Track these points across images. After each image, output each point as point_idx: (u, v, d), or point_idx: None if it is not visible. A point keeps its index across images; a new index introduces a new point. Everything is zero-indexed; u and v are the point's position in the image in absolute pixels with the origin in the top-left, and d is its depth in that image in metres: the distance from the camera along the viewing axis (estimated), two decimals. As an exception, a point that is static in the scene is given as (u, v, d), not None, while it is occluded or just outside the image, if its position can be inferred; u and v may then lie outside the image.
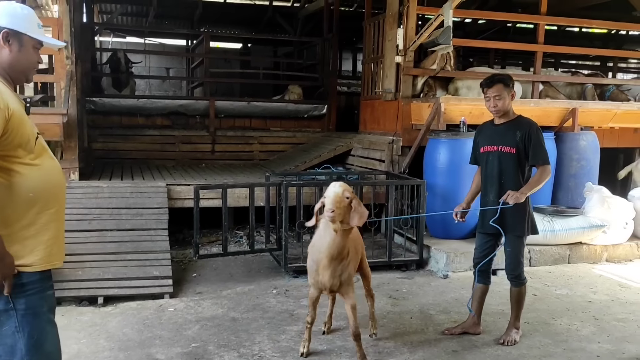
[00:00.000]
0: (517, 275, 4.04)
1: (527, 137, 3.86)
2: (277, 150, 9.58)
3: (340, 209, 3.27)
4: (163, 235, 5.57)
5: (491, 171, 4.01)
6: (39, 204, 2.20)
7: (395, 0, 7.27)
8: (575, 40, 12.93)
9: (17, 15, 2.23)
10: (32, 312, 2.20)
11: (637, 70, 14.96)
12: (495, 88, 3.91)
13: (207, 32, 11.25)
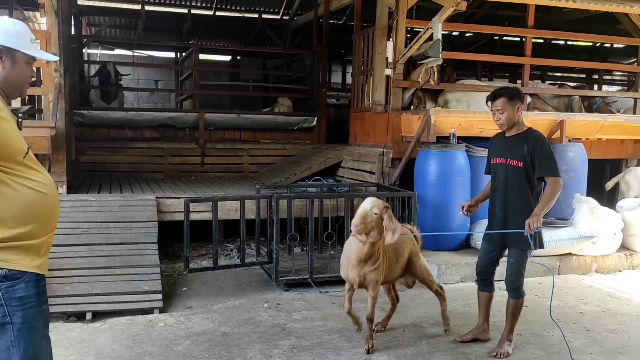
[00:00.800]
0: (516, 287, 4.04)
1: (533, 150, 3.86)
2: (267, 163, 9.57)
3: (365, 224, 3.74)
4: (152, 249, 5.52)
5: (498, 184, 4.05)
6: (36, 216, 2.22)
7: (384, 14, 7.32)
8: (562, 53, 13.12)
9: (10, 32, 2.25)
10: (29, 326, 2.20)
11: (622, 82, 15.15)
12: (498, 102, 3.95)
13: (196, 44, 11.25)
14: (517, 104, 3.95)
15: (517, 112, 3.95)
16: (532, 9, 7.77)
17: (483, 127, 6.77)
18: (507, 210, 3.97)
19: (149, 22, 11.58)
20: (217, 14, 12.15)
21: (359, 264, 3.91)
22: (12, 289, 2.17)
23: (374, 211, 3.76)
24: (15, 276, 2.18)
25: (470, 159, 6.45)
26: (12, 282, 2.18)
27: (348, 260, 3.99)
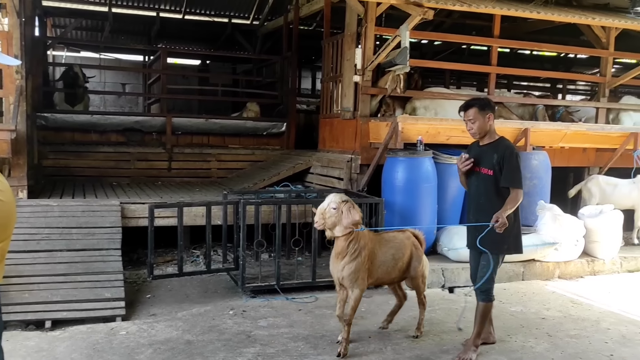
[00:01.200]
0: (486, 290, 4.09)
1: (502, 159, 3.95)
2: (236, 168, 9.49)
3: (324, 219, 3.97)
4: (116, 255, 5.41)
5: (473, 190, 4.15)
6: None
7: (353, 21, 7.36)
8: (527, 63, 13.38)
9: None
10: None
11: (586, 92, 15.54)
12: (469, 112, 4.05)
13: (165, 48, 11.12)
14: (488, 113, 4.04)
15: (489, 122, 4.04)
16: (498, 19, 7.91)
17: (450, 134, 6.85)
18: (480, 217, 4.03)
19: (116, 24, 11.39)
20: (186, 18, 12.03)
21: (337, 259, 4.07)
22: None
23: (332, 206, 3.96)
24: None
25: (437, 166, 6.51)
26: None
27: (334, 256, 4.13)
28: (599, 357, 4.25)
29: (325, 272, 5.88)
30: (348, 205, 3.98)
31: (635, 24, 7.94)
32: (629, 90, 13.22)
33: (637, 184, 7.70)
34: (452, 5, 6.73)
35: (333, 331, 4.56)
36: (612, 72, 8.94)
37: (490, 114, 4.04)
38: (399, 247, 4.34)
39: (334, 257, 4.10)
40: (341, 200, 4.00)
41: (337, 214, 3.96)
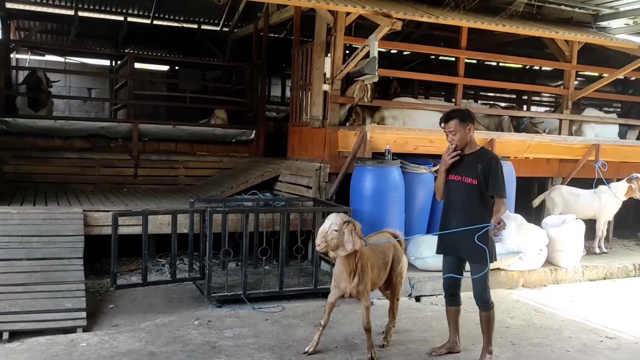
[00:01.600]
0: (485, 300, 4.19)
1: (487, 169, 4.02)
2: (204, 175, 9.40)
3: (326, 242, 4.00)
4: (77, 264, 5.28)
5: (454, 199, 4.17)
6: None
7: (323, 30, 7.38)
8: (494, 74, 13.61)
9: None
10: None
11: (550, 104, 15.90)
12: (450, 124, 4.10)
13: (132, 53, 10.96)
14: (469, 125, 4.11)
15: (469, 133, 4.11)
16: (465, 31, 8.05)
17: (418, 144, 6.92)
18: (464, 225, 4.07)
19: (82, 28, 11.18)
20: (154, 23, 11.88)
21: (348, 276, 4.16)
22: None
23: (334, 228, 3.99)
24: None
25: (405, 176, 6.56)
26: None
27: (340, 271, 4.20)
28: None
29: (293, 281, 5.88)
30: (350, 228, 4.01)
31: (597, 38, 8.17)
32: (591, 103, 13.61)
33: (598, 194, 7.90)
34: (420, 16, 6.81)
35: (300, 341, 4.54)
36: (574, 84, 9.16)
37: (470, 126, 4.12)
38: (386, 251, 4.50)
39: (345, 275, 4.17)
40: (342, 221, 4.03)
41: (339, 235, 3.99)
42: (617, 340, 4.94)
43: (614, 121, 9.85)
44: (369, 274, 4.23)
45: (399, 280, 4.65)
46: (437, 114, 8.04)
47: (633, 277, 7.40)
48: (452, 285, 4.34)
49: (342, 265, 4.17)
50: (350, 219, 4.11)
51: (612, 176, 8.48)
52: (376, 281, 4.41)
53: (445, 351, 4.44)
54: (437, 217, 6.99)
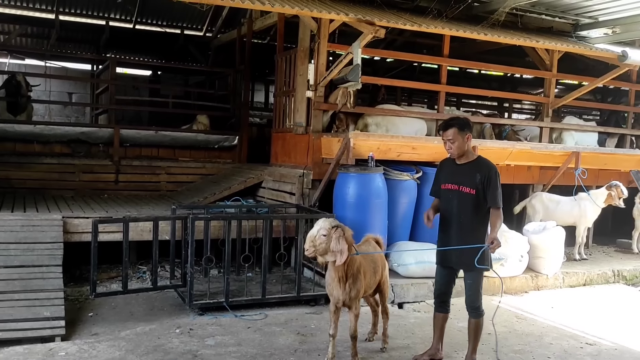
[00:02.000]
0: (476, 307, 4.23)
1: (486, 180, 4.05)
2: (186, 182, 9.33)
3: (314, 247, 3.92)
4: (56, 272, 5.20)
5: (451, 209, 4.18)
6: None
7: (306, 36, 7.38)
8: (475, 82, 13.74)
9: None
10: None
11: (531, 111, 16.09)
12: (449, 132, 4.11)
13: (114, 57, 10.87)
14: (467, 133, 4.12)
15: (467, 142, 4.13)
16: (447, 39, 8.11)
17: (400, 151, 6.94)
18: (461, 235, 4.11)
19: (63, 32, 11.05)
20: (137, 28, 11.80)
21: (339, 283, 4.10)
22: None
23: (322, 233, 3.93)
24: None
25: (388, 182, 6.57)
26: None
27: (332, 278, 4.15)
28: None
29: (276, 288, 5.84)
30: (338, 233, 3.95)
31: (577, 47, 8.28)
32: (571, 110, 13.80)
33: (578, 202, 7.99)
34: (403, 24, 6.84)
35: (282, 349, 4.51)
36: (555, 92, 9.28)
37: (469, 134, 4.14)
38: (375, 259, 4.50)
39: (336, 281, 4.12)
40: (331, 226, 3.97)
41: (327, 240, 3.93)
42: (597, 347, 4.99)
43: (594, 129, 9.99)
44: (361, 281, 4.18)
45: (387, 285, 4.71)
46: (420, 121, 8.16)
47: (612, 284, 7.49)
48: (443, 292, 4.39)
49: (333, 272, 4.12)
50: (339, 224, 4.06)
51: (592, 183, 8.60)
52: (367, 288, 4.40)
53: (428, 358, 4.45)
54: (419, 223, 7.04)
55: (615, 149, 9.58)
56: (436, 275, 4.43)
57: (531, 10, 8.44)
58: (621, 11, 7.96)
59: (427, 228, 6.05)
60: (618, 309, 6.32)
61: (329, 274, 4.20)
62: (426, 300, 6.12)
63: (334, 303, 4.21)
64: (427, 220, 4.32)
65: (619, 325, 5.67)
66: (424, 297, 6.17)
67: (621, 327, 5.61)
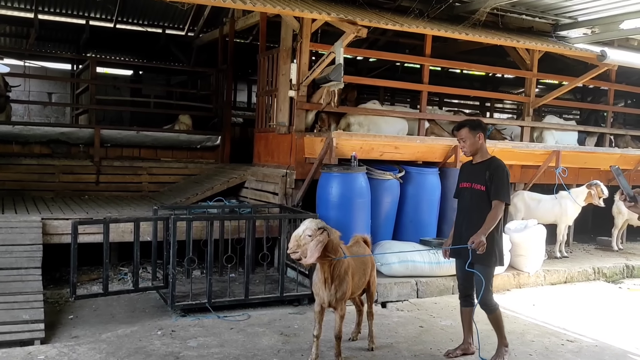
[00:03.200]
0: (486, 303, 4.35)
1: (493, 175, 4.24)
2: (168, 182, 9.24)
3: (299, 247, 3.84)
4: (35, 274, 5.12)
5: (464, 205, 4.40)
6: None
7: (289, 36, 7.37)
8: (458, 81, 13.82)
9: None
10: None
11: (512, 111, 16.23)
12: (461, 132, 4.36)
13: (94, 57, 10.74)
14: (478, 133, 4.33)
15: (479, 141, 4.33)
16: (429, 39, 8.14)
17: (383, 150, 6.96)
18: (471, 230, 4.22)
19: (42, 31, 10.89)
20: (117, 27, 11.67)
21: (325, 284, 4.09)
22: None
23: (307, 233, 3.88)
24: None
25: (370, 182, 6.58)
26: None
27: (319, 279, 4.14)
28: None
29: (259, 288, 5.82)
30: (323, 237, 3.88)
31: (557, 47, 8.37)
32: (551, 110, 13.95)
33: (559, 200, 8.08)
34: (385, 24, 6.86)
35: (265, 350, 4.49)
36: (535, 92, 9.37)
37: (480, 134, 4.34)
38: (365, 260, 4.52)
39: (322, 283, 4.10)
40: (317, 227, 3.92)
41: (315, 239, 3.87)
42: (578, 344, 5.04)
43: (574, 128, 10.11)
44: (348, 282, 4.17)
45: (374, 286, 4.77)
46: (402, 121, 8.18)
47: (593, 281, 7.59)
48: (465, 287, 4.51)
49: (320, 273, 4.11)
50: (325, 225, 4.02)
51: (572, 182, 8.70)
52: (355, 290, 4.40)
53: (461, 352, 4.56)
54: (402, 222, 7.08)
55: (595, 148, 9.71)
56: (456, 271, 4.62)
57: (512, 11, 8.51)
58: (600, 11, 8.05)
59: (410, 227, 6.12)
60: (598, 306, 6.39)
61: (316, 275, 4.20)
62: (409, 299, 6.14)
63: (319, 303, 4.20)
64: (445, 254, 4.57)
65: (600, 322, 5.74)
66: (407, 296, 6.19)
67: (601, 324, 5.68)
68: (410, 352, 4.57)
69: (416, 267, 6.40)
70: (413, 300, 6.15)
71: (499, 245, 4.35)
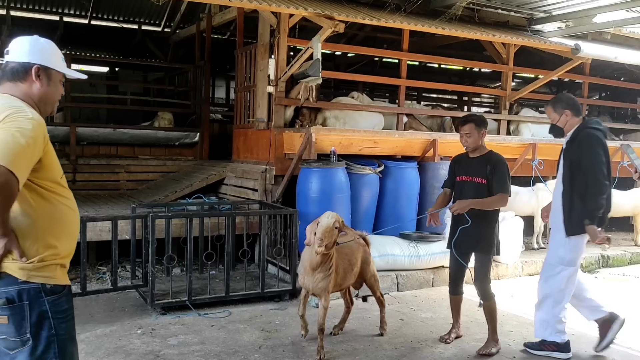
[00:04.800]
0: (484, 291, 4.51)
1: (494, 169, 4.36)
2: (146, 180, 9.17)
3: (330, 238, 4.02)
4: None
5: (465, 198, 4.42)
6: (70, 233, 2.37)
7: (266, 31, 7.34)
8: (435, 76, 13.93)
9: (46, 51, 2.40)
10: (69, 337, 2.32)
11: (489, 104, 16.41)
12: (467, 127, 4.43)
13: (69, 54, 10.58)
14: (482, 130, 4.43)
15: (482, 137, 4.43)
16: (406, 34, 8.18)
17: (362, 145, 6.98)
18: (473, 220, 4.34)
19: (15, 28, 10.67)
20: (92, 23, 11.52)
21: (311, 271, 4.20)
22: (56, 303, 2.25)
23: (336, 225, 4.09)
24: (57, 290, 2.27)
25: (350, 177, 6.60)
26: (56, 296, 2.26)
27: (304, 268, 4.27)
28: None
29: (239, 285, 5.80)
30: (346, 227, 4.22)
31: (532, 41, 8.47)
32: (528, 103, 14.12)
33: (535, 192, 8.17)
34: (362, 19, 6.87)
35: (246, 346, 4.49)
36: (512, 86, 9.48)
37: (484, 130, 4.45)
38: (353, 252, 4.58)
39: (308, 270, 4.22)
40: (341, 219, 4.18)
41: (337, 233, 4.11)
42: (555, 333, 5.11)
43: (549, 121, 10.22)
44: (334, 274, 4.27)
45: (375, 279, 4.84)
46: (378, 115, 8.21)
47: (569, 271, 7.69)
48: (457, 277, 4.66)
49: (312, 263, 4.18)
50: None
51: (549, 174, 8.80)
52: (341, 282, 4.45)
53: (455, 336, 4.78)
54: (382, 216, 7.11)
55: (570, 140, 9.84)
56: (449, 261, 4.73)
57: (487, 5, 8.59)
58: (573, 5, 8.16)
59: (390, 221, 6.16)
60: (574, 295, 6.49)
61: (302, 264, 4.33)
62: (390, 292, 6.18)
63: (305, 290, 4.39)
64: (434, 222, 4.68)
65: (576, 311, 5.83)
66: (388, 289, 6.22)
67: (578, 313, 5.77)
68: (392, 345, 4.60)
69: (396, 260, 6.44)
70: (393, 294, 6.19)
71: (497, 235, 4.49)
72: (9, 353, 2.20)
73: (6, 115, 2.13)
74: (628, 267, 8.03)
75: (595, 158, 4.22)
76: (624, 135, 11.80)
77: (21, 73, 2.34)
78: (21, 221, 2.17)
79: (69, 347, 2.31)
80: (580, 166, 4.25)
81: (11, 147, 2.02)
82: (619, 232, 10.06)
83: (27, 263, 2.17)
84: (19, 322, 2.17)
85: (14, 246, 2.14)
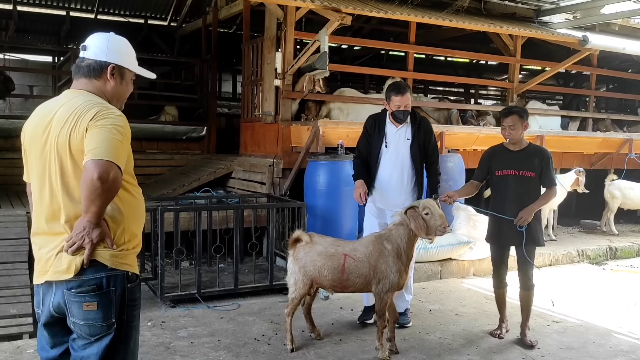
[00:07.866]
0: (526, 280, 4.53)
1: (544, 163, 4.38)
2: (154, 174, 9.18)
3: None
4: (22, 268, 5.08)
5: (511, 193, 4.43)
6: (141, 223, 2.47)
7: (273, 25, 7.34)
8: (442, 69, 13.88)
9: (122, 51, 2.50)
10: (136, 324, 2.42)
11: (496, 96, 16.34)
12: (510, 119, 4.38)
13: (75, 48, 10.61)
14: (525, 122, 4.40)
15: (524, 130, 4.40)
16: (413, 26, 8.16)
17: (370, 138, 6.96)
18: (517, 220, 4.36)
19: (22, 23, 10.76)
20: (99, 18, 11.54)
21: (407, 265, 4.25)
22: (133, 290, 2.36)
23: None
24: (133, 278, 2.37)
25: (357, 169, 6.58)
26: (133, 284, 2.36)
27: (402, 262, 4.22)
28: (510, 351, 4.46)
29: (248, 278, 5.83)
30: None
31: (539, 32, 8.43)
32: (534, 95, 14.06)
33: (543, 184, 8.17)
34: (369, 11, 6.86)
35: (255, 338, 4.52)
36: (519, 78, 9.44)
37: (526, 123, 4.42)
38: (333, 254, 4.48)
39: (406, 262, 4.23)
40: None
41: None
42: (563, 324, 5.13)
43: (557, 113, 10.21)
44: None
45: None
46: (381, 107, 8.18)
47: (577, 263, 7.70)
48: (501, 270, 4.66)
49: None
50: None
51: (556, 166, 8.77)
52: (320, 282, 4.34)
53: (505, 330, 4.74)
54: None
55: (578, 132, 9.82)
56: (493, 256, 4.71)
57: (494, -4, 8.57)
58: (581, -4, 8.13)
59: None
60: (583, 287, 6.50)
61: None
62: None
63: None
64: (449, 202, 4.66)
65: (584, 303, 5.84)
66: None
67: (586, 305, 5.78)
68: (400, 337, 4.61)
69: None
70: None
71: (541, 226, 4.56)
72: (90, 339, 2.26)
73: (96, 112, 2.24)
74: (636, 259, 8.02)
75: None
76: (627, 127, 11.75)
77: (97, 70, 2.44)
78: (110, 211, 2.27)
79: (134, 335, 2.41)
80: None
81: (115, 144, 2.18)
82: (627, 224, 10.04)
83: (117, 250, 2.27)
84: (107, 308, 2.26)
85: (107, 235, 2.23)
